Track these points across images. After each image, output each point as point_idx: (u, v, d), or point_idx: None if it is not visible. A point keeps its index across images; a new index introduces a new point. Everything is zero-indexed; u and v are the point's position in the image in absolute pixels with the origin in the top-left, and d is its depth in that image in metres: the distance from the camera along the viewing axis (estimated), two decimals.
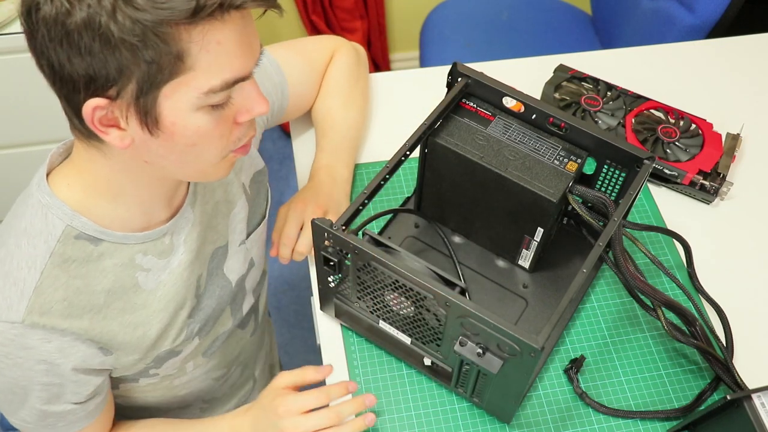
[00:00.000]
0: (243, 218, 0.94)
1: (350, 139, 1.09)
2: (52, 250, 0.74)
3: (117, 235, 0.77)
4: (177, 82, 0.62)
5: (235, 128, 0.70)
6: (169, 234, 0.82)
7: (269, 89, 1.00)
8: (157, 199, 0.78)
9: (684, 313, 0.86)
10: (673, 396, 0.92)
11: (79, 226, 0.74)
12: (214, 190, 0.89)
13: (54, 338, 0.75)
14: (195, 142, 0.67)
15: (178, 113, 0.64)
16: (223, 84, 0.64)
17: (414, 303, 0.80)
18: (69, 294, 0.75)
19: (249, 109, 0.70)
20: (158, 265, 0.82)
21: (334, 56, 1.10)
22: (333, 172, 1.04)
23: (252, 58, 0.67)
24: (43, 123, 1.63)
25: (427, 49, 1.92)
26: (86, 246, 0.75)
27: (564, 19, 1.97)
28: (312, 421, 0.82)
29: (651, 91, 1.23)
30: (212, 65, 0.63)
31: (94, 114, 0.63)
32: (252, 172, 0.97)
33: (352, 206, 0.81)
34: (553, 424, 0.89)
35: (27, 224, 0.74)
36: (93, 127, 0.65)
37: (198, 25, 0.60)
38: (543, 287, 0.98)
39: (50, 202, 0.74)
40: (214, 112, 0.66)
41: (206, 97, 0.64)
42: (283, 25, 2.26)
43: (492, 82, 0.91)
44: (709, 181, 1.09)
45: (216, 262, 0.91)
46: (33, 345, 0.74)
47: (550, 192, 0.85)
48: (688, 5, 1.51)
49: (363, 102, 1.13)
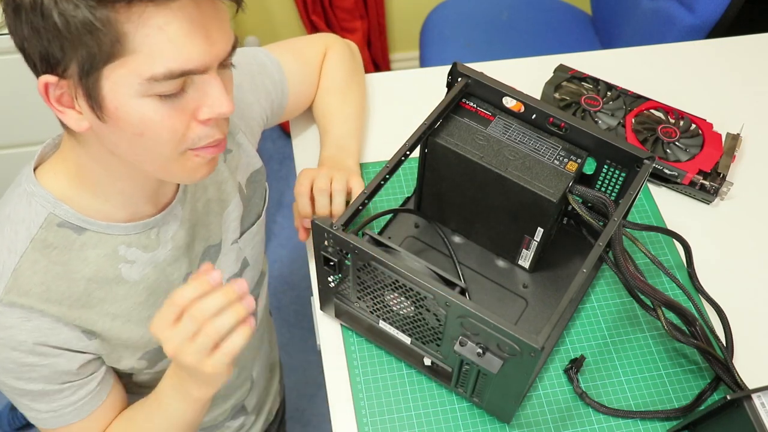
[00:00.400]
0: (237, 217, 0.94)
1: (353, 130, 1.09)
2: (33, 236, 0.74)
3: (101, 224, 0.77)
4: (117, 65, 0.62)
5: (195, 125, 0.68)
6: (156, 228, 0.81)
7: (269, 87, 1.00)
8: (138, 193, 0.77)
9: (684, 313, 0.86)
10: (673, 396, 0.92)
11: (61, 214, 0.75)
12: (206, 187, 0.88)
13: (33, 318, 0.74)
14: (142, 131, 0.66)
15: (121, 98, 0.64)
16: (168, 73, 0.62)
17: (414, 303, 0.80)
18: (48, 279, 0.75)
19: (209, 106, 0.67)
20: (143, 257, 0.81)
21: (327, 53, 1.11)
22: (338, 162, 1.04)
23: (209, 52, 0.64)
24: (43, 123, 1.62)
25: (427, 49, 1.92)
26: (69, 234, 0.75)
27: (564, 19, 1.98)
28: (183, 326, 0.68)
29: (651, 91, 1.23)
30: (155, 51, 0.61)
31: (48, 90, 0.65)
32: (249, 171, 0.96)
33: (352, 206, 0.81)
34: (553, 424, 0.89)
35: (11, 211, 0.75)
36: (50, 105, 0.66)
37: (134, 6, 0.59)
38: (543, 287, 0.98)
39: (35, 190, 0.74)
40: (164, 103, 0.64)
41: (149, 84, 0.63)
42: (283, 25, 2.26)
43: (492, 82, 0.91)
44: (709, 181, 1.09)
45: (207, 260, 0.90)
46: (12, 324, 0.74)
47: (550, 192, 0.85)
48: (688, 5, 1.51)
49: (361, 95, 1.14)
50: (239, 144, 0.93)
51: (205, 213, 0.89)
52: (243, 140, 0.94)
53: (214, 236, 0.91)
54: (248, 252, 0.98)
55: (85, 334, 0.79)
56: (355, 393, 0.91)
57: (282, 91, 1.02)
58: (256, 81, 0.98)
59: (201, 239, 0.88)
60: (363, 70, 1.17)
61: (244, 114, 0.95)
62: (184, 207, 0.84)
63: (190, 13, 0.62)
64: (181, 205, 0.84)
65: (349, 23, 2.22)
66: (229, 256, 0.94)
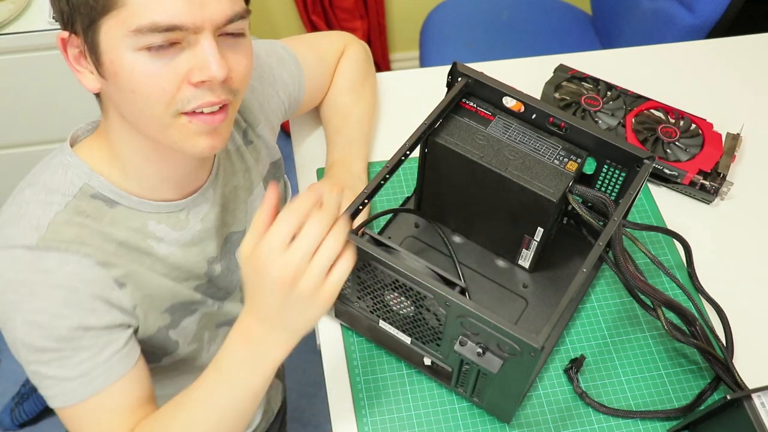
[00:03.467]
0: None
1: (363, 133, 1.10)
2: (68, 202, 0.76)
3: (132, 199, 0.79)
4: (111, 17, 0.65)
5: (186, 87, 0.69)
6: (186, 210, 0.83)
7: (287, 80, 1.01)
8: (162, 179, 0.79)
9: (684, 313, 0.86)
10: (673, 396, 0.92)
11: (96, 185, 0.77)
12: (235, 173, 0.90)
13: (71, 261, 0.75)
14: (133, 88, 0.68)
15: (115, 51, 0.67)
16: (152, 25, 0.65)
17: (414, 303, 0.80)
18: (82, 234, 0.76)
19: (200, 69, 0.68)
20: (171, 235, 0.82)
21: (344, 52, 1.12)
22: (347, 165, 1.05)
23: (198, 11, 0.66)
24: (43, 123, 1.63)
25: (427, 49, 1.92)
26: (101, 206, 0.78)
27: (564, 19, 1.97)
28: (300, 248, 0.65)
29: (651, 91, 1.23)
30: (142, 2, 0.64)
31: (66, 47, 0.70)
32: (268, 162, 0.98)
33: (351, 206, 0.81)
34: (553, 424, 0.89)
35: (47, 178, 0.77)
36: (69, 63, 0.71)
37: None
38: (543, 287, 0.98)
39: (71, 161, 0.77)
40: (155, 59, 0.67)
41: (136, 36, 0.65)
42: (283, 25, 2.26)
43: (492, 81, 0.91)
44: (709, 181, 1.09)
45: (229, 246, 0.92)
46: (50, 267, 0.74)
47: (550, 192, 0.85)
48: (688, 5, 1.51)
49: (372, 98, 1.14)
50: (260, 136, 0.95)
51: (233, 199, 0.90)
52: (263, 132, 0.95)
53: (239, 223, 0.92)
54: None
55: (116, 283, 0.79)
56: (355, 393, 0.91)
57: (299, 84, 1.03)
58: (275, 74, 0.99)
59: (226, 224, 0.90)
60: (375, 73, 1.18)
61: (264, 107, 0.97)
62: (216, 190, 0.86)
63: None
64: (213, 188, 0.86)
65: (349, 23, 2.22)
66: None
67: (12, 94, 1.56)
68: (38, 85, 1.55)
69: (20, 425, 1.84)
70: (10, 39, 1.45)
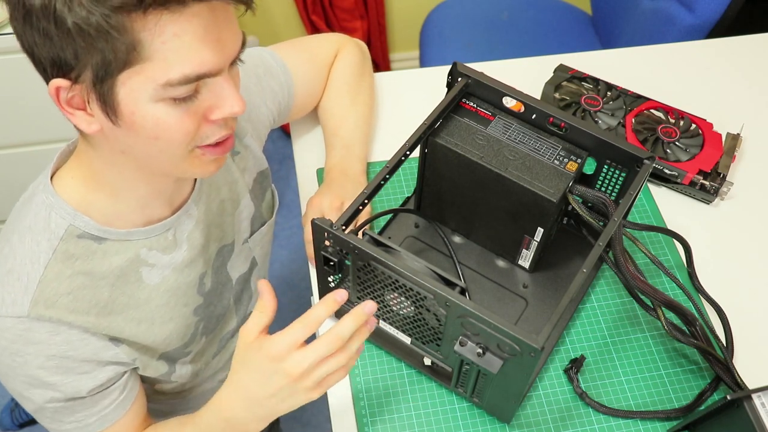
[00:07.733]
0: (247, 216, 0.94)
1: (361, 134, 1.09)
2: (55, 247, 0.74)
3: (120, 232, 0.77)
4: (133, 71, 0.62)
5: (204, 125, 0.69)
6: (172, 229, 0.82)
7: (275, 89, 1.00)
8: (154, 195, 0.78)
9: (684, 313, 0.86)
10: (673, 396, 0.92)
11: (81, 226, 0.75)
12: (219, 188, 0.89)
13: (62, 331, 0.74)
14: (157, 135, 0.66)
15: (137, 103, 0.64)
16: (183, 78, 0.63)
17: (414, 303, 0.80)
18: (74, 288, 0.75)
19: (221, 107, 0.68)
20: (162, 260, 0.82)
21: (338, 54, 1.11)
22: (345, 167, 1.05)
23: (222, 55, 0.65)
24: (43, 123, 1.62)
25: (427, 49, 1.92)
26: (90, 244, 0.76)
27: (564, 19, 1.97)
28: (314, 352, 0.69)
29: (651, 91, 1.23)
30: (170, 57, 0.62)
31: (59, 94, 0.65)
32: (255, 172, 0.97)
33: (351, 206, 0.81)
34: (553, 424, 0.89)
35: (31, 222, 0.75)
36: (60, 107, 0.66)
37: (150, 14, 0.59)
38: (543, 287, 0.98)
39: (53, 201, 0.74)
40: (178, 106, 0.65)
41: (164, 89, 0.63)
42: (283, 25, 2.26)
43: (492, 82, 0.91)
44: (709, 181, 1.09)
45: (221, 260, 0.91)
46: (41, 339, 0.74)
47: (550, 192, 0.85)
48: (688, 5, 1.51)
49: (370, 97, 1.14)
50: (247, 146, 0.94)
51: (219, 213, 0.89)
52: (250, 142, 0.95)
53: (228, 236, 0.91)
54: (257, 252, 0.99)
55: (112, 342, 0.79)
56: (355, 393, 0.91)
57: (288, 92, 1.02)
58: (262, 83, 0.98)
59: (215, 239, 0.89)
60: (372, 72, 1.17)
61: (252, 117, 0.95)
62: (199, 206, 0.85)
63: (204, 19, 0.62)
64: (196, 204, 0.84)
65: (349, 23, 2.22)
66: (240, 256, 0.94)
67: (12, 94, 1.56)
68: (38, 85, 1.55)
69: (20, 425, 1.84)
70: (11, 39, 1.45)
